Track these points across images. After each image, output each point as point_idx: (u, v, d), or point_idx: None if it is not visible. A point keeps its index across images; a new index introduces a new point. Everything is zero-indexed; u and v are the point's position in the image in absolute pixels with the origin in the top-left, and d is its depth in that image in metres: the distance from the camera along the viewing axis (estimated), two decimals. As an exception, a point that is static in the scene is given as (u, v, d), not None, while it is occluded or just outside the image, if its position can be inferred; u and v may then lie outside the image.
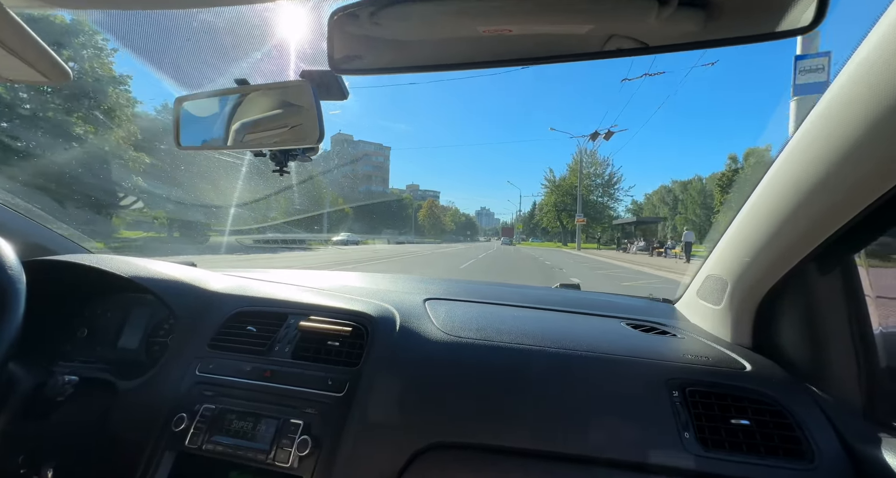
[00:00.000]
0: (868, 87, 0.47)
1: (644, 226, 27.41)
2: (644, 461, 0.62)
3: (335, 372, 0.78)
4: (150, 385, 0.81)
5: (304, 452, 0.68)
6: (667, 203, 60.65)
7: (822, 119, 0.54)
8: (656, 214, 54.58)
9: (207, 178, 19.23)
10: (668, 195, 60.20)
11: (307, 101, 0.66)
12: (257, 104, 0.72)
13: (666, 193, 60.35)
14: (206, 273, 1.11)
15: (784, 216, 0.63)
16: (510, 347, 0.78)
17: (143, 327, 0.97)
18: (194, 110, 0.75)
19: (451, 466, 0.66)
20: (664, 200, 60.41)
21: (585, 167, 42.12)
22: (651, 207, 60.41)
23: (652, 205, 61.33)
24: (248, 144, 0.73)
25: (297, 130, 0.68)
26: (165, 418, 0.75)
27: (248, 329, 0.89)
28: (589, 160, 42.97)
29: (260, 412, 0.74)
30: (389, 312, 0.88)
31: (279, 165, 0.78)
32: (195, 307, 0.93)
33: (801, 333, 0.74)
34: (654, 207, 60.19)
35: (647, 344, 0.84)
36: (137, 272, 0.93)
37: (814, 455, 0.60)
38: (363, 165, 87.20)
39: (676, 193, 59.92)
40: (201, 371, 0.82)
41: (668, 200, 60.42)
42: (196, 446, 0.72)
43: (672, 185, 59.51)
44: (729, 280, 0.81)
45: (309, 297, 0.97)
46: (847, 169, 0.51)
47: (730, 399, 0.67)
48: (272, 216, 26.03)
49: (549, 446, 0.66)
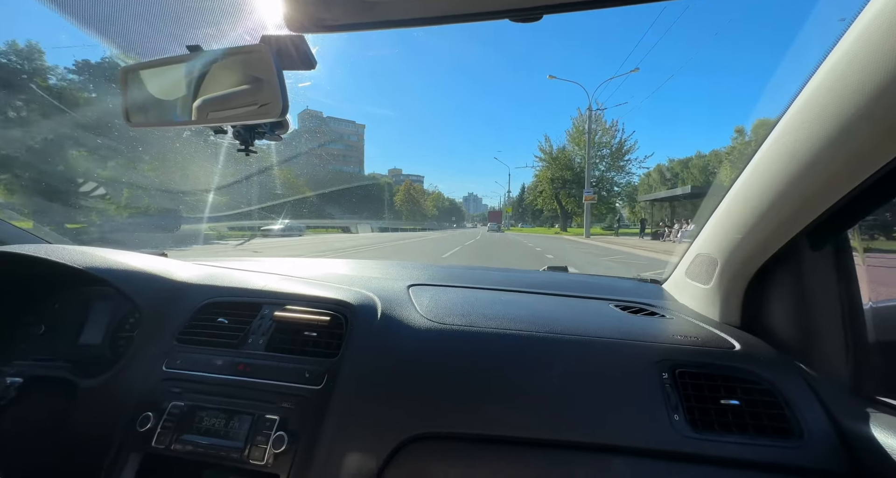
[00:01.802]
0: (867, 59, 0.47)
1: (697, 200, 17.92)
2: (634, 445, 0.65)
3: (313, 364, 0.78)
4: (113, 383, 0.81)
5: (280, 448, 0.68)
6: (666, 182, 61.72)
7: (818, 93, 0.54)
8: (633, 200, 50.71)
9: (167, 159, 18.22)
10: (667, 172, 60.92)
11: (268, 70, 0.64)
12: (213, 74, 0.70)
13: (665, 171, 60.84)
14: (173, 262, 1.10)
15: (777, 192, 0.64)
16: (497, 333, 0.80)
17: (107, 322, 0.97)
18: (142, 82, 0.73)
19: (435, 457, 0.68)
20: (663, 179, 61.34)
21: (585, 139, 33.49)
22: (647, 188, 60.42)
23: (648, 185, 61.77)
24: (206, 120, 0.70)
25: (258, 102, 0.66)
26: (130, 417, 0.75)
27: (219, 321, 0.89)
28: (594, 126, 33.55)
29: (233, 408, 0.75)
30: (370, 299, 0.88)
31: (244, 144, 0.77)
32: (160, 299, 0.92)
33: (791, 311, 0.77)
34: (649, 188, 60.06)
35: (636, 326, 0.86)
36: (93, 263, 0.91)
37: (802, 433, 0.63)
38: (334, 143, 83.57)
39: (677, 171, 60.87)
40: (169, 367, 0.82)
41: (667, 179, 61.41)
42: (164, 446, 0.72)
43: (669, 163, 60.00)
44: (719, 259, 0.84)
45: (285, 285, 0.97)
46: (842, 144, 0.52)
47: (719, 379, 0.70)
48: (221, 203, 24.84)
49: (539, 433, 0.68)
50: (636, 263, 10.80)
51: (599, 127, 35.89)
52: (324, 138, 79.52)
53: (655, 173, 61.12)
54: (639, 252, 13.55)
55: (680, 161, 58.56)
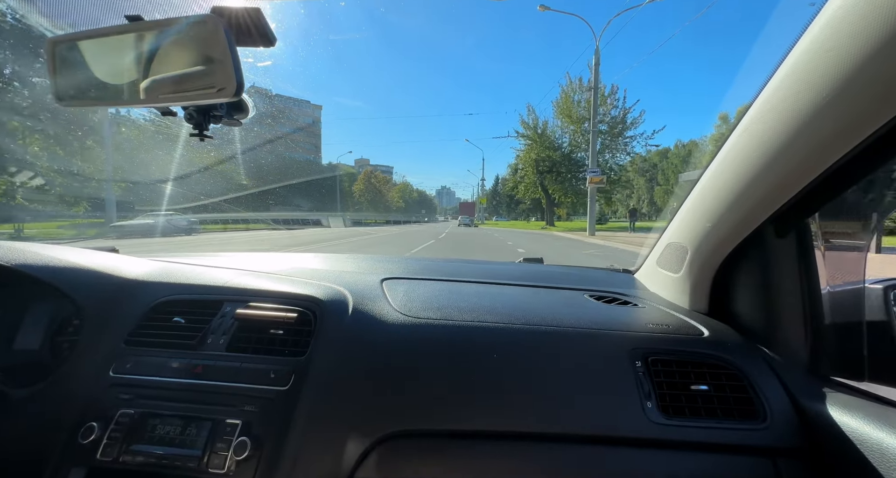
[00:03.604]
0: (832, 49, 0.49)
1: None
2: (608, 434, 0.69)
3: (279, 364, 0.78)
4: (51, 392, 0.78)
5: (242, 455, 0.67)
6: (644, 173, 63.80)
7: (785, 82, 0.58)
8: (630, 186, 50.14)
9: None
10: (643, 164, 62.65)
11: (220, 44, 0.62)
12: (157, 49, 0.67)
13: (641, 162, 62.06)
14: (122, 259, 1.06)
15: (745, 181, 0.69)
16: (473, 326, 0.82)
17: (45, 325, 0.92)
18: (75, 55, 0.69)
19: (409, 455, 0.69)
20: (639, 171, 63.06)
21: (577, 109, 28.28)
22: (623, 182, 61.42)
23: (626, 179, 62.86)
24: (150, 100, 0.68)
25: (209, 80, 0.64)
26: (71, 429, 0.72)
27: (174, 321, 0.87)
28: (584, 97, 27.26)
29: (189, 414, 0.73)
30: (341, 294, 0.89)
31: (198, 128, 0.74)
32: (107, 298, 0.89)
33: (755, 297, 0.83)
34: (626, 182, 61.10)
35: (611, 315, 0.91)
36: (27, 260, 0.87)
37: (766, 414, 0.69)
38: (284, 126, 79.35)
39: (655, 161, 62.99)
40: (116, 372, 0.79)
41: (644, 170, 63.49)
42: (111, 459, 0.69)
43: (647, 154, 61.86)
44: (689, 247, 0.89)
45: (248, 281, 0.95)
46: (806, 133, 0.56)
47: (689, 365, 0.75)
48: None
49: (516, 426, 0.70)
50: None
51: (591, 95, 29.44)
52: (271, 120, 76.42)
53: (630, 166, 62.30)
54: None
55: (659, 151, 60.41)
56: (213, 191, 24.81)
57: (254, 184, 37.03)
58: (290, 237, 18.72)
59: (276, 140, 61.92)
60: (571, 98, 28.92)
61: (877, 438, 0.57)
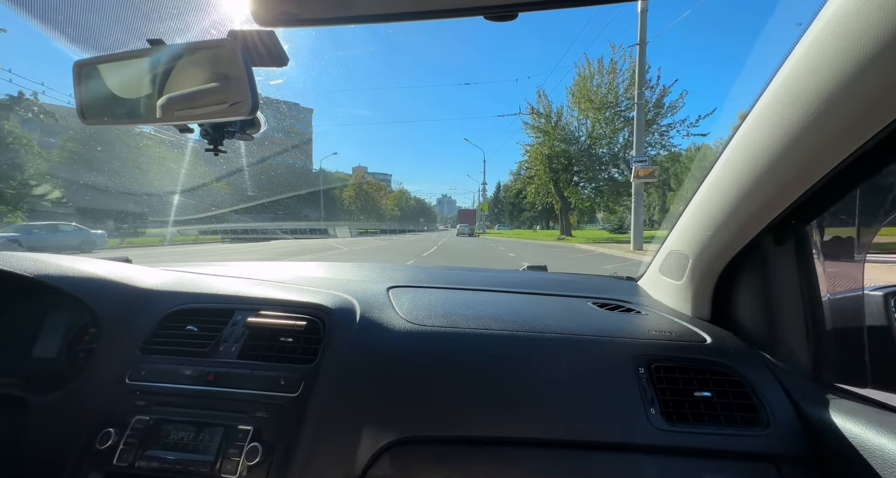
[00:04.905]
0: (822, 63, 0.53)
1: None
2: (612, 440, 0.72)
3: (289, 371, 0.83)
4: (70, 399, 0.83)
5: (254, 460, 0.72)
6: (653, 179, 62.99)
7: (782, 89, 0.61)
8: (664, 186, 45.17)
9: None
10: (654, 168, 62.13)
11: (236, 66, 0.69)
12: (178, 70, 0.75)
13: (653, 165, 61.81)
14: (137, 269, 1.13)
15: (744, 190, 0.72)
16: (479, 334, 0.87)
17: (63, 333, 0.98)
18: (99, 78, 0.77)
19: (417, 461, 0.73)
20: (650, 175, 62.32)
21: (599, 94, 23.69)
22: (614, 192, 59.97)
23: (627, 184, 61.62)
24: (171, 118, 0.75)
25: (226, 99, 0.71)
26: (89, 434, 0.78)
27: (187, 329, 0.92)
28: (603, 79, 23.43)
29: (203, 420, 0.78)
30: (348, 302, 0.94)
31: (213, 144, 0.83)
32: (123, 308, 0.95)
33: (756, 304, 0.87)
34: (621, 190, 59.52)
35: (614, 323, 0.95)
36: (47, 271, 0.93)
37: (769, 421, 0.72)
38: (272, 129, 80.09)
39: (667, 166, 62.80)
40: (132, 379, 0.85)
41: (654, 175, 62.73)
42: (127, 464, 0.74)
43: (658, 158, 61.34)
44: (690, 255, 0.93)
45: (258, 290, 1.01)
46: (802, 142, 0.59)
47: (692, 372, 0.78)
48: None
49: (523, 432, 0.74)
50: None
51: (616, 76, 23.54)
52: (282, 134, 75.83)
53: (667, 161, 60.01)
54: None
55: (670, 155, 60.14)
56: (187, 208, 24.56)
57: (241, 199, 36.38)
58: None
59: (264, 145, 61.40)
60: (590, 82, 24.24)
61: (880, 444, 0.59)
